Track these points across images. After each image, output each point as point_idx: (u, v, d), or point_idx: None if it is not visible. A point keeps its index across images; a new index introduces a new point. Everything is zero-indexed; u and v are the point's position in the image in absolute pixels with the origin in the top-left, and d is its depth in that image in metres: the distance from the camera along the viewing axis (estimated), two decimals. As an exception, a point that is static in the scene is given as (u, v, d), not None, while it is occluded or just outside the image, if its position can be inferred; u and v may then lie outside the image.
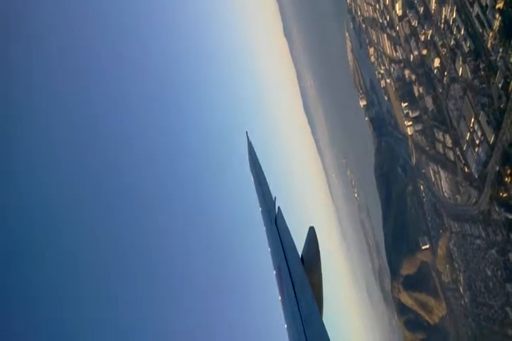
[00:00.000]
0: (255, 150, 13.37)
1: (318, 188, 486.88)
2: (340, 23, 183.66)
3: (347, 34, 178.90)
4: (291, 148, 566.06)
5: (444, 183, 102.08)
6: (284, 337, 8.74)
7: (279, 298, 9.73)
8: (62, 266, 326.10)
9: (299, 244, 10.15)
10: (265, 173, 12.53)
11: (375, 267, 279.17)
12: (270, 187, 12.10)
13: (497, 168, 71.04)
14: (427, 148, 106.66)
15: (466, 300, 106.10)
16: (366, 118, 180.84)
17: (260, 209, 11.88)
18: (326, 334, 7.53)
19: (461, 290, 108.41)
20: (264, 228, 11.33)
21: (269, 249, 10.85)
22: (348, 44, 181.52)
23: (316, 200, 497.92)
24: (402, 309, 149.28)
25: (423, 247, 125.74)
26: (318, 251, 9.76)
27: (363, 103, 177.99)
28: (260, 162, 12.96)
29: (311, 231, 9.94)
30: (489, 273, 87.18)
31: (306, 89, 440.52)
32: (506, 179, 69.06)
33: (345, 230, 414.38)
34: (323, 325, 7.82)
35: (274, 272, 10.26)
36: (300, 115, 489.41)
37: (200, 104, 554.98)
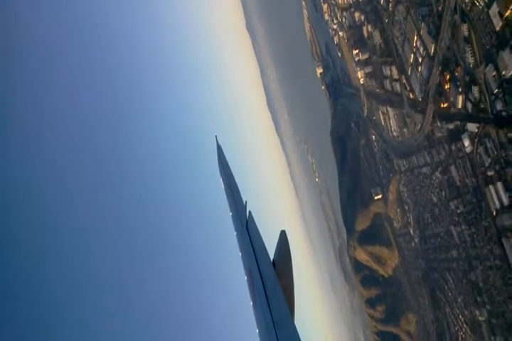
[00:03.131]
0: (225, 153, 13.24)
1: (284, 186, 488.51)
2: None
3: (303, 3, 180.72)
4: (257, 148, 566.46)
5: (392, 122, 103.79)
6: None
7: (251, 302, 9.71)
8: (60, 267, 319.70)
9: (271, 247, 10.10)
10: (235, 177, 12.45)
11: (335, 249, 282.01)
12: (240, 191, 12.02)
13: (437, 79, 72.61)
14: (377, 90, 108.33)
15: (416, 240, 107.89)
16: (323, 87, 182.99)
17: (230, 213, 11.79)
18: (298, 336, 7.55)
19: (412, 231, 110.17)
20: (235, 232, 11.31)
21: (240, 254, 10.85)
22: (305, 13, 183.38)
23: (284, 198, 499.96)
24: (357, 267, 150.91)
25: (376, 197, 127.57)
26: (290, 255, 9.74)
27: (319, 71, 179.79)
28: (230, 166, 12.86)
29: (283, 234, 9.90)
30: (435, 199, 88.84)
31: (269, 84, 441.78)
32: (446, 86, 70.47)
33: (308, 222, 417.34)
34: (295, 327, 7.86)
35: (246, 277, 10.25)
36: (264, 112, 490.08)
37: (164, 108, 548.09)
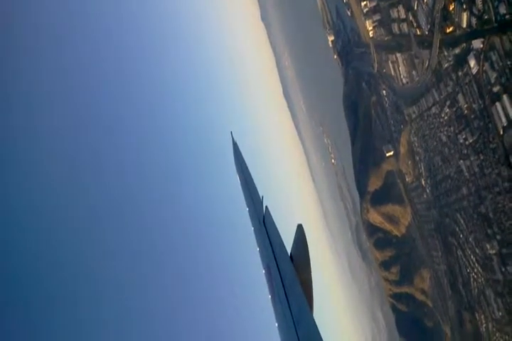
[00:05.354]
0: (240, 149, 13.32)
1: (302, 176, 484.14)
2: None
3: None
4: (274, 140, 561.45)
5: (402, 69, 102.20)
6: (276, 336, 8.84)
7: (269, 297, 9.82)
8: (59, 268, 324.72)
9: (288, 241, 10.08)
10: (251, 173, 12.46)
11: (352, 229, 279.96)
12: (257, 186, 12.01)
13: (442, 3, 71.14)
14: (385, 39, 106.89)
15: (428, 190, 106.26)
16: (335, 56, 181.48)
17: (247, 209, 11.89)
18: (318, 331, 7.50)
19: (423, 182, 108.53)
20: (252, 228, 11.39)
21: (258, 249, 10.95)
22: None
23: (301, 188, 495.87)
24: (371, 231, 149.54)
25: (387, 154, 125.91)
26: (307, 249, 9.76)
27: (331, 39, 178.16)
28: (246, 161, 12.89)
29: (300, 228, 9.92)
30: (444, 138, 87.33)
31: (285, 71, 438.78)
32: (451, 8, 69.07)
33: (325, 208, 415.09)
34: (314, 322, 7.81)
35: (264, 271, 10.37)
36: (280, 101, 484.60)
37: (177, 102, 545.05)
